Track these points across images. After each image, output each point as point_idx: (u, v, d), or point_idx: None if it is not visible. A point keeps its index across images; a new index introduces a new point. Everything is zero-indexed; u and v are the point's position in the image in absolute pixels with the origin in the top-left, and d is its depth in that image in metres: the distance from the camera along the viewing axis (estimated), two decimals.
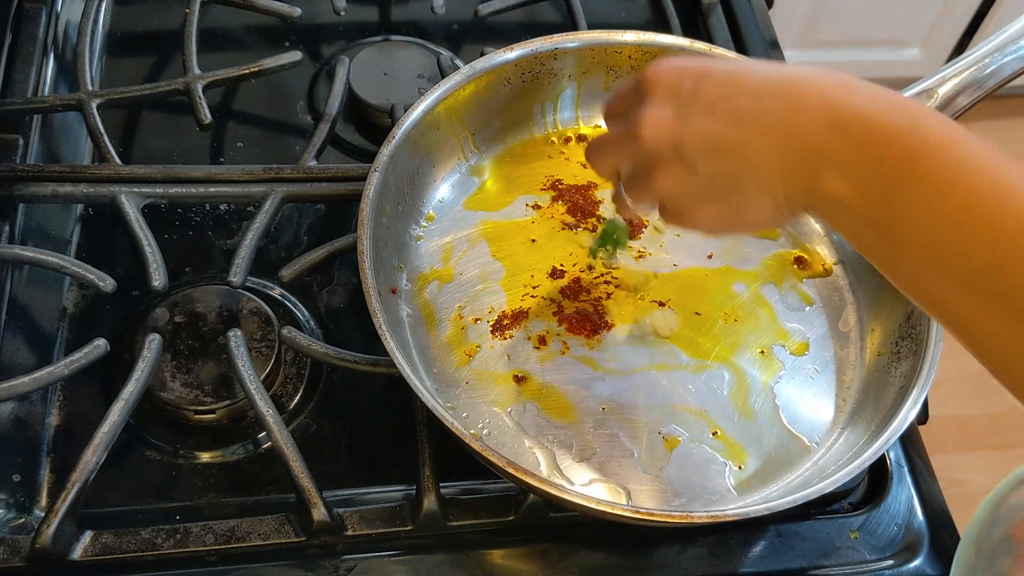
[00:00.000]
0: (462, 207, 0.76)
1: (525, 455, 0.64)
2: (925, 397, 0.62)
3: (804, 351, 0.71)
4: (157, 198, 0.74)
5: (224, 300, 0.71)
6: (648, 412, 0.67)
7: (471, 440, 0.56)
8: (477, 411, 0.66)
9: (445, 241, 0.74)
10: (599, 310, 0.71)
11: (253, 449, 0.69)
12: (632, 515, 0.56)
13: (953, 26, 1.99)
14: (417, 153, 0.73)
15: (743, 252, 0.75)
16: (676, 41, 0.78)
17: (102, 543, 0.61)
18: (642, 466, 0.64)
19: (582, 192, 0.77)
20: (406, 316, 0.70)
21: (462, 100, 0.75)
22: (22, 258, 0.69)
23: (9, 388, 0.62)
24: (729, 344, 0.70)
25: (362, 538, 0.63)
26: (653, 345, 0.70)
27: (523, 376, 0.68)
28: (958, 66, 0.62)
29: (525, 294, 0.72)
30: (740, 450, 0.66)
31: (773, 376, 0.69)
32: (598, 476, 0.64)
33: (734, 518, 0.57)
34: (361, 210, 0.66)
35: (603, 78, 0.79)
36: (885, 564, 0.65)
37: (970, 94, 0.64)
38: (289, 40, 0.93)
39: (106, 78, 0.88)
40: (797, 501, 0.57)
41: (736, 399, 0.68)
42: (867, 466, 0.59)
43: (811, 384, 0.69)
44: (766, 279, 0.74)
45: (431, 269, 0.72)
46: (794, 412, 0.68)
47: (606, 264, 0.73)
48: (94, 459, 0.60)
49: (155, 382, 0.67)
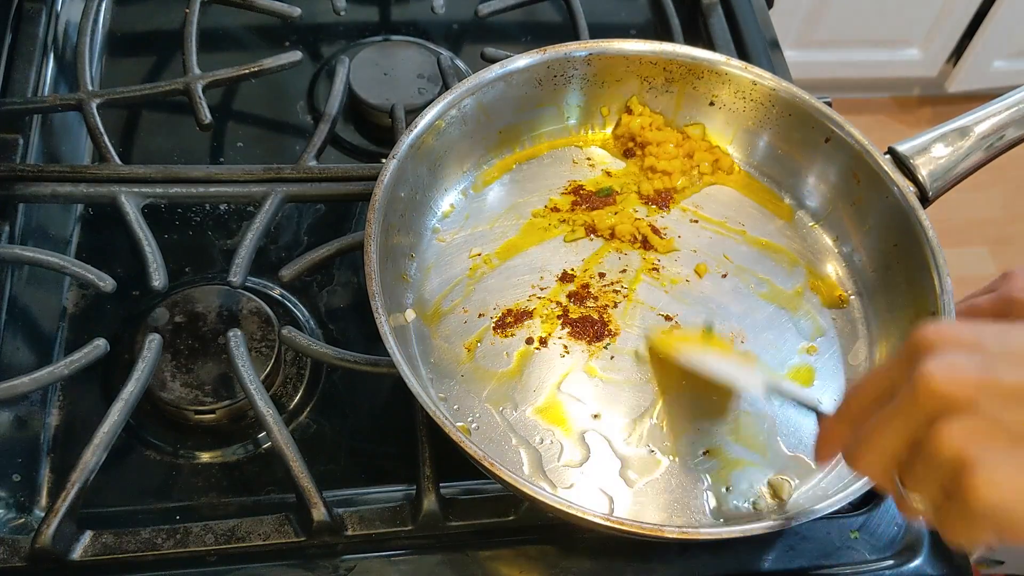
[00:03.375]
0: (480, 204, 0.76)
1: (510, 453, 0.64)
2: None
3: (811, 381, 0.70)
4: (157, 198, 0.74)
5: (224, 300, 0.71)
6: (641, 424, 0.66)
7: (452, 431, 0.56)
8: (468, 405, 0.66)
9: (460, 235, 0.74)
10: (604, 318, 0.71)
11: (253, 449, 0.69)
12: (604, 523, 0.55)
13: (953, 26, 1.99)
14: (438, 145, 0.73)
15: (757, 275, 0.74)
16: (711, 56, 0.77)
17: (102, 543, 0.61)
18: (629, 477, 0.64)
19: (602, 199, 0.77)
20: (411, 303, 0.70)
21: (490, 96, 0.75)
22: (22, 258, 0.69)
23: (9, 388, 0.62)
24: None
25: (362, 538, 0.63)
26: (651, 360, 0.69)
27: (519, 376, 0.68)
28: (997, 106, 0.62)
29: (532, 295, 0.72)
30: (730, 471, 0.65)
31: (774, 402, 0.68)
32: (583, 482, 0.63)
33: (706, 537, 0.57)
34: (374, 195, 0.66)
35: (636, 86, 0.79)
36: (885, 564, 0.65)
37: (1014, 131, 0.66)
38: (289, 40, 0.93)
39: (106, 78, 0.88)
40: (773, 528, 0.56)
41: (733, 420, 0.67)
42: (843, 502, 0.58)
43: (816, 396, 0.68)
44: (780, 304, 0.73)
45: (442, 261, 0.72)
46: (793, 438, 0.67)
47: None
48: (94, 459, 0.60)
49: (155, 382, 0.67)
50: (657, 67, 0.78)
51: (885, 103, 2.24)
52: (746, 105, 0.78)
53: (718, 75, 0.77)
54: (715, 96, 0.78)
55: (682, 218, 0.77)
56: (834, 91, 1.38)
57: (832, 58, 2.03)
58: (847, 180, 0.75)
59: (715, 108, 0.79)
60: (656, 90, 0.79)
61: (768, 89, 0.76)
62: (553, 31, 0.96)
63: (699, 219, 0.77)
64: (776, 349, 0.71)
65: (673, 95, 0.79)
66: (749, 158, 0.80)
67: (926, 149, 0.72)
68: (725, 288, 0.73)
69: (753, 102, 0.77)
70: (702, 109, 0.79)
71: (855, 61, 2.06)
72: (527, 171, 0.78)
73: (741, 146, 0.80)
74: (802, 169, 0.77)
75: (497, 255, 0.73)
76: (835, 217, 0.76)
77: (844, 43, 2.01)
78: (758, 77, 0.76)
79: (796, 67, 0.96)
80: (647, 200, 0.77)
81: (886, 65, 2.09)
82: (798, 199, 0.78)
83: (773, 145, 0.78)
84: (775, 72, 0.78)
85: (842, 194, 0.75)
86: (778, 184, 0.79)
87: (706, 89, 0.78)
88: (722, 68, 0.77)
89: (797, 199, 0.78)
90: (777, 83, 0.76)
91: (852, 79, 2.13)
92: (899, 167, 0.72)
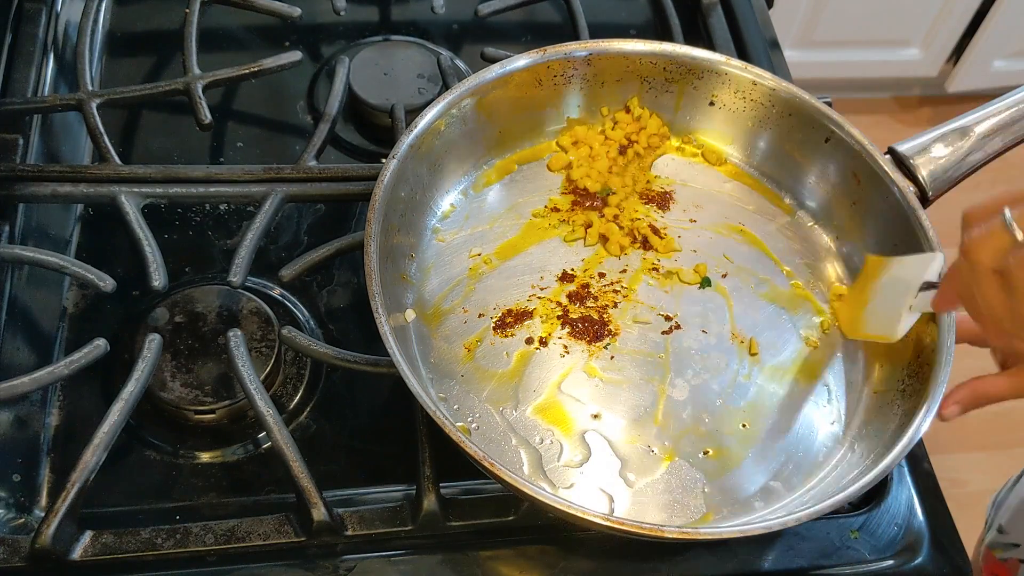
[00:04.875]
0: (481, 204, 0.76)
1: (510, 454, 0.64)
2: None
3: (814, 377, 0.70)
4: (157, 198, 0.74)
5: (224, 300, 0.71)
6: (640, 424, 0.66)
7: (452, 430, 0.56)
8: (468, 405, 0.66)
9: (460, 235, 0.74)
10: (604, 318, 0.71)
11: (253, 449, 0.69)
12: (604, 523, 0.55)
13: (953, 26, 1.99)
14: (438, 145, 0.73)
15: (757, 275, 0.74)
16: (711, 56, 0.77)
17: (102, 543, 0.61)
18: (629, 477, 0.64)
19: (602, 200, 0.77)
20: (411, 303, 0.70)
21: (491, 96, 0.75)
22: (22, 258, 0.69)
23: (9, 388, 0.62)
24: None
25: (362, 538, 0.63)
26: (651, 359, 0.69)
27: (519, 376, 0.68)
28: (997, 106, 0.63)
29: (532, 295, 0.72)
30: (730, 471, 0.65)
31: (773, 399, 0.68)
32: (583, 482, 0.63)
33: (706, 537, 0.57)
34: (374, 195, 0.66)
35: (636, 86, 0.79)
36: (885, 564, 0.65)
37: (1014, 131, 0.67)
38: (289, 40, 0.93)
39: (106, 78, 0.88)
40: (772, 528, 0.56)
41: (732, 419, 0.67)
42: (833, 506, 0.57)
43: (815, 409, 0.68)
44: (780, 304, 0.73)
45: (442, 261, 0.73)
46: (792, 437, 0.67)
47: None
48: (94, 459, 0.60)
49: (155, 382, 0.67)
50: (657, 67, 0.78)
51: (885, 103, 2.24)
52: (746, 105, 0.78)
53: (718, 75, 0.77)
54: (715, 96, 0.78)
55: (682, 218, 0.77)
56: (834, 91, 1.38)
57: (832, 58, 2.03)
58: (847, 180, 0.75)
59: (715, 108, 0.79)
60: (656, 90, 0.79)
61: (768, 89, 0.76)
62: (553, 31, 0.96)
63: (699, 219, 0.77)
64: (776, 349, 0.71)
65: (673, 95, 0.79)
66: (749, 158, 0.80)
67: (926, 149, 0.72)
68: (726, 288, 0.73)
69: (753, 102, 0.77)
70: (702, 109, 0.79)
71: (855, 61, 2.06)
72: (527, 171, 0.78)
73: (741, 146, 0.80)
74: (802, 169, 0.77)
75: (497, 255, 0.73)
76: (835, 217, 0.76)
77: (844, 43, 2.00)
78: (758, 77, 0.76)
79: (796, 67, 0.96)
80: (647, 200, 0.77)
81: (886, 65, 2.09)
82: (798, 199, 0.78)
83: (773, 145, 0.78)
84: (775, 72, 0.78)
85: (842, 194, 0.75)
86: (778, 184, 0.79)
87: (706, 89, 0.78)
88: (722, 68, 0.77)
89: (797, 199, 0.78)
90: (777, 83, 0.76)
91: (852, 79, 2.13)
92: (899, 167, 0.72)
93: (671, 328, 0.71)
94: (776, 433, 0.67)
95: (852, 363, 0.71)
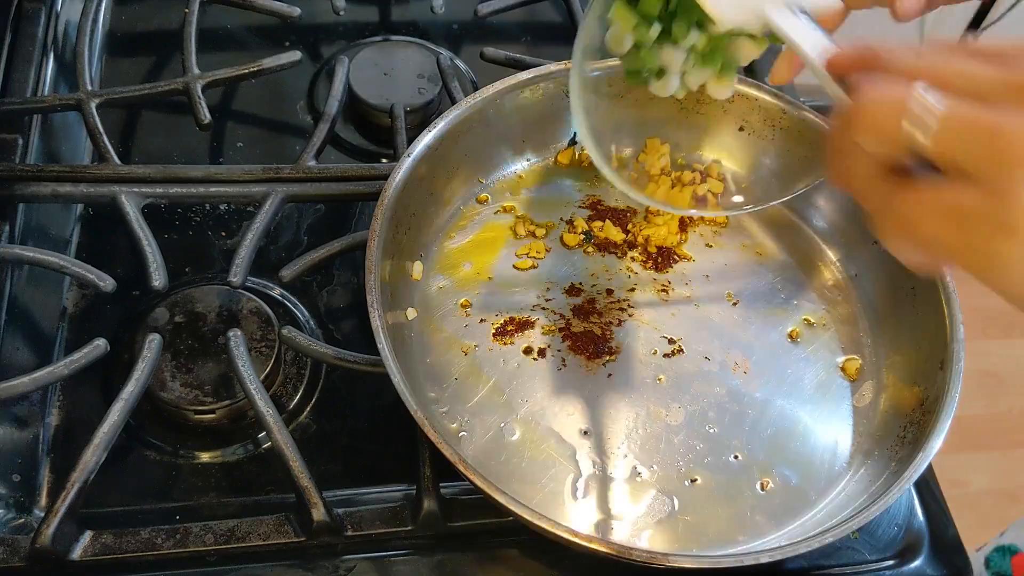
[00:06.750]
0: (494, 211, 0.76)
1: (494, 460, 0.64)
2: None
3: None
4: (157, 198, 0.74)
5: (224, 300, 0.71)
6: (630, 444, 0.65)
7: (429, 430, 0.56)
8: (458, 409, 0.66)
9: (469, 239, 0.74)
10: (606, 335, 0.70)
11: (253, 449, 0.69)
12: (567, 536, 0.54)
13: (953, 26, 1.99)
14: (456, 149, 0.73)
15: (767, 303, 0.73)
16: None
17: (102, 543, 0.61)
18: (614, 495, 0.63)
19: (620, 216, 0.76)
20: (415, 302, 0.70)
21: (514, 103, 0.74)
22: (22, 258, 0.69)
23: (9, 388, 0.62)
24: None
25: (362, 538, 0.63)
26: (649, 381, 0.68)
27: (513, 385, 0.67)
28: None
29: (536, 304, 0.71)
30: (720, 494, 0.64)
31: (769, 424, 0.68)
32: (565, 496, 0.63)
33: (673, 564, 0.55)
34: (384, 191, 0.66)
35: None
36: (885, 564, 0.65)
37: None
38: (289, 40, 0.93)
39: (106, 78, 0.88)
40: (774, 557, 0.55)
41: (725, 450, 0.66)
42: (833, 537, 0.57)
43: (814, 435, 0.67)
44: (789, 333, 0.72)
45: (450, 263, 0.73)
46: (783, 475, 0.65)
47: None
48: (94, 459, 0.60)
49: (155, 382, 0.67)
50: None
51: None
52: (768, 130, 0.75)
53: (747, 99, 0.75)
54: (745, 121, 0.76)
55: (698, 242, 0.76)
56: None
57: None
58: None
59: (743, 133, 0.76)
60: (688, 110, 0.76)
61: (779, 109, 0.74)
62: (553, 31, 0.96)
63: (713, 245, 0.76)
64: (778, 382, 0.69)
65: (704, 116, 0.76)
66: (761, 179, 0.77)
67: None
68: (734, 316, 0.72)
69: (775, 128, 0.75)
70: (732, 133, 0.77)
71: None
72: (545, 182, 0.78)
73: (754, 168, 0.77)
74: (812, 190, 0.76)
75: (505, 263, 0.73)
76: (845, 238, 0.76)
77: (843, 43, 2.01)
78: (765, 93, 0.75)
79: None
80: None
81: None
82: (807, 220, 0.78)
83: (782, 167, 0.76)
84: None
85: (851, 215, 0.75)
86: (790, 207, 0.78)
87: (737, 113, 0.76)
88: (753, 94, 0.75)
89: (807, 220, 0.78)
90: (785, 102, 0.74)
91: None
92: None
93: (673, 351, 0.70)
94: (767, 468, 0.65)
95: (858, 405, 0.69)
